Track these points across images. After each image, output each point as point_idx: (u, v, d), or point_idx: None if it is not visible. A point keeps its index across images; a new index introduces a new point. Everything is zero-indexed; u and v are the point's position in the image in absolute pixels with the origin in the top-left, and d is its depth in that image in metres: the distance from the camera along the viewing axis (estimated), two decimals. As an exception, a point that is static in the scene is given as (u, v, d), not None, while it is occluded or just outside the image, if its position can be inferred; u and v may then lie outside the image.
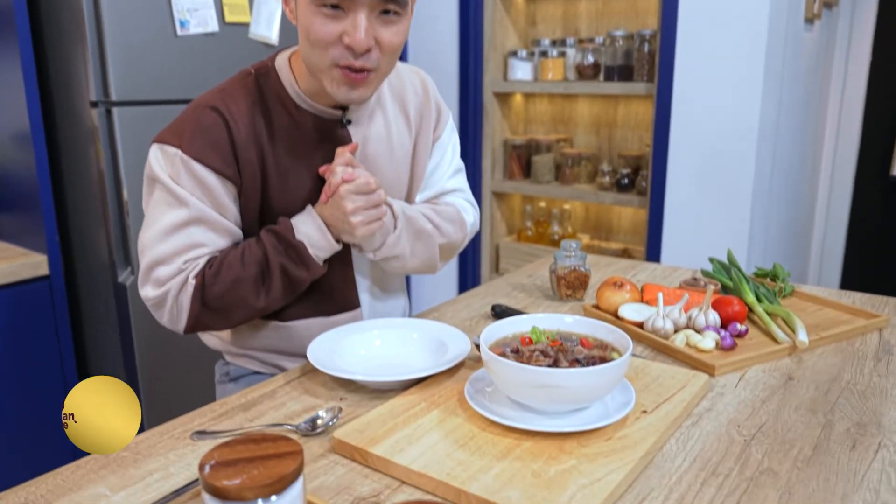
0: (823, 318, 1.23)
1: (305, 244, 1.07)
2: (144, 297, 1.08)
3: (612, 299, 1.25)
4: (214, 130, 1.05)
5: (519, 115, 3.12)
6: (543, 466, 0.75)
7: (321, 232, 1.08)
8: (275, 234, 1.07)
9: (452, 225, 1.26)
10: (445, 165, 1.32)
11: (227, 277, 1.05)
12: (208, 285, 1.05)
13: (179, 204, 1.05)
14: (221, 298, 1.06)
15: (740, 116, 2.30)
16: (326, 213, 1.08)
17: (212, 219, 1.06)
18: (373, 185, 1.06)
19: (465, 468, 0.75)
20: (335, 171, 1.07)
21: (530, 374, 0.80)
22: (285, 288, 1.09)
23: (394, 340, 1.09)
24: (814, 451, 0.82)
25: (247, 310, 1.08)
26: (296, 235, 1.07)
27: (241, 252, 1.07)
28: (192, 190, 1.04)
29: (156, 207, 1.06)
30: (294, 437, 0.87)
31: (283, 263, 1.07)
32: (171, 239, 1.05)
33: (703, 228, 2.45)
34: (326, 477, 0.78)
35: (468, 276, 3.08)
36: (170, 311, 1.08)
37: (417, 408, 0.90)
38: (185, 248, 1.06)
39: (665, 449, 0.82)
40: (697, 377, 0.96)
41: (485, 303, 1.37)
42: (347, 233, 1.08)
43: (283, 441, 0.68)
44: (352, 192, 1.05)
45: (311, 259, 1.08)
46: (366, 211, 1.06)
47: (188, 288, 1.05)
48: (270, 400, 0.98)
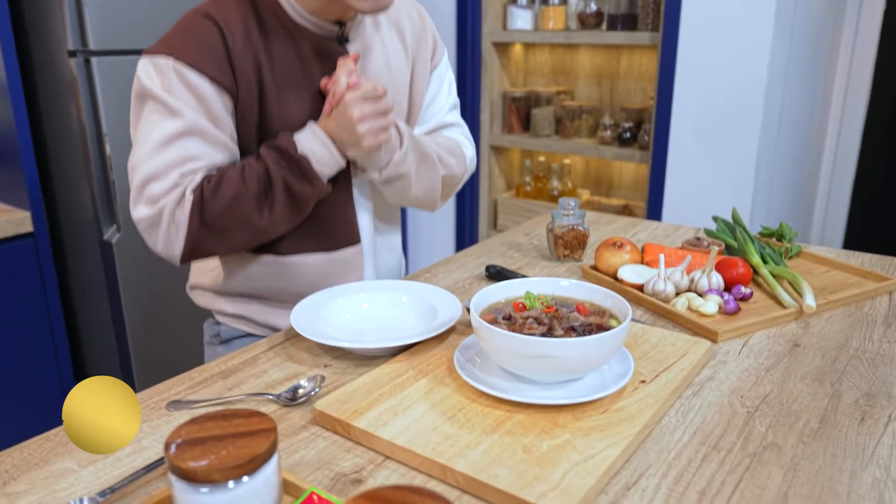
0: (831, 281, 1.18)
1: (309, 158, 1.01)
2: (137, 218, 1.01)
3: (612, 260, 1.20)
4: (209, 37, 0.99)
5: (518, 66, 3.02)
6: (535, 441, 0.71)
7: (325, 146, 1.02)
8: (276, 148, 1.02)
9: (454, 157, 1.23)
10: (443, 98, 1.29)
11: (227, 193, 0.99)
12: (207, 201, 0.99)
13: (173, 115, 0.98)
14: (222, 216, 0.99)
15: (748, 68, 2.21)
16: (331, 126, 1.03)
17: (208, 131, 1.00)
18: (380, 90, 1.01)
19: (453, 443, 0.71)
20: (338, 79, 1.01)
21: (522, 343, 0.75)
22: (289, 206, 1.03)
23: (382, 304, 1.04)
24: (820, 423, 0.78)
25: (248, 229, 1.02)
26: (298, 149, 1.01)
27: (240, 169, 1.01)
28: (186, 100, 0.98)
29: (146, 123, 1.00)
30: (275, 408, 0.83)
31: (286, 178, 1.01)
32: (165, 152, 0.98)
33: (706, 184, 2.39)
34: (306, 451, 0.74)
35: (465, 233, 3.02)
36: (165, 231, 1.00)
37: (404, 377, 0.85)
38: (180, 160, 0.99)
39: (664, 421, 0.78)
40: (699, 344, 0.92)
41: (479, 263, 1.32)
42: (354, 145, 1.02)
43: (256, 417, 0.64)
44: (358, 99, 1.00)
45: (316, 174, 1.02)
46: (373, 119, 1.01)
47: (185, 204, 0.99)
48: (252, 367, 0.93)
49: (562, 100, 2.88)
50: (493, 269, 1.22)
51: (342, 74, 1.02)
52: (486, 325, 0.77)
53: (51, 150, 1.92)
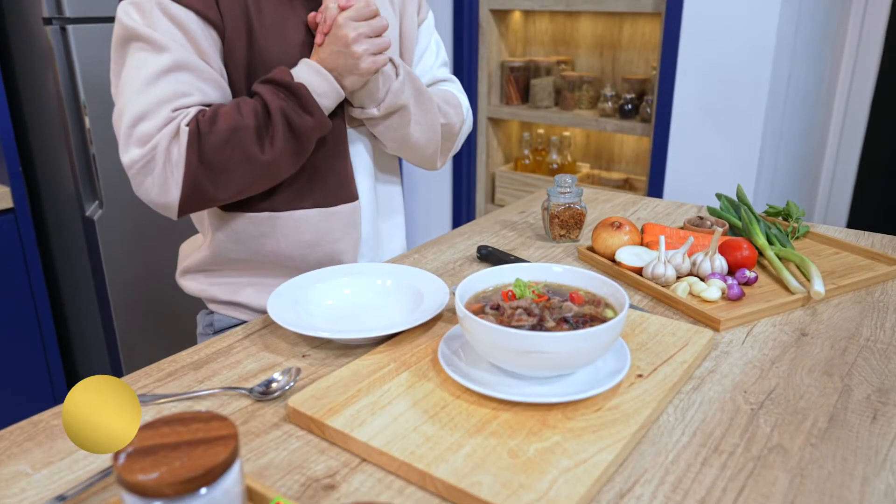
0: (840, 264, 1.12)
1: (307, 87, 0.97)
2: (128, 161, 0.95)
3: (609, 242, 1.14)
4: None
5: (517, 34, 2.92)
6: (522, 444, 0.66)
7: (321, 75, 0.98)
8: (271, 81, 0.97)
9: (451, 107, 1.20)
10: (433, 53, 1.25)
11: (224, 126, 0.94)
12: (204, 134, 0.93)
13: (160, 50, 0.94)
14: (221, 151, 0.94)
15: (755, 37, 2.12)
16: (325, 57, 0.99)
17: (197, 66, 0.96)
18: (373, 7, 0.97)
19: (433, 445, 0.66)
20: (327, 4, 0.98)
21: (509, 337, 0.69)
22: (290, 139, 0.98)
23: (364, 289, 0.99)
24: (829, 422, 0.73)
25: (250, 165, 0.96)
26: (294, 80, 0.97)
27: (235, 104, 0.96)
28: (172, 35, 0.94)
29: (131, 65, 0.95)
30: (247, 402, 0.78)
31: (285, 109, 0.96)
32: (154, 88, 0.93)
33: (709, 158, 2.31)
34: (277, 452, 0.69)
35: (462, 207, 2.96)
36: (161, 172, 0.94)
37: (385, 370, 0.80)
38: (170, 96, 0.94)
39: (661, 420, 0.73)
40: (700, 334, 0.86)
41: (470, 243, 1.26)
42: (351, 70, 0.98)
43: (216, 422, 0.59)
44: (352, 19, 0.96)
45: (315, 103, 0.97)
46: (369, 39, 0.97)
47: (181, 137, 0.93)
48: (225, 357, 0.88)
49: (562, 70, 2.79)
50: (486, 251, 1.16)
51: (331, 2, 0.98)
52: (471, 316, 0.72)
53: (29, 123, 1.85)
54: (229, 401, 0.78)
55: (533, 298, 0.79)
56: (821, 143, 2.93)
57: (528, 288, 0.81)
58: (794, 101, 2.43)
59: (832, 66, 2.79)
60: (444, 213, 3.03)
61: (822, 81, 2.72)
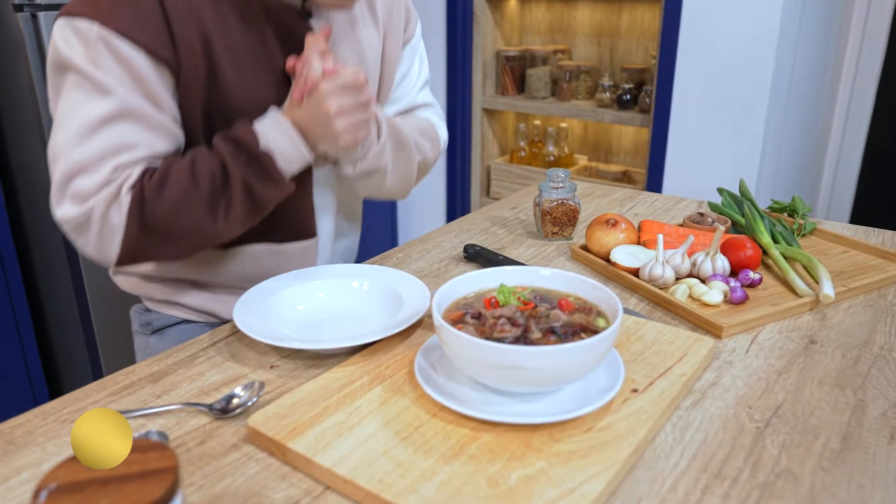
0: (850, 263, 1.05)
1: (273, 155, 0.86)
2: (61, 217, 0.84)
3: (604, 240, 1.07)
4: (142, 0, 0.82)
5: (513, 22, 2.84)
6: (503, 471, 0.60)
7: (292, 140, 0.87)
8: (234, 141, 0.86)
9: (429, 141, 1.11)
10: (415, 74, 1.15)
11: (173, 193, 0.83)
12: (149, 201, 0.83)
13: (101, 93, 0.81)
14: (166, 220, 0.84)
15: (758, 25, 2.05)
16: (301, 117, 0.87)
17: (145, 112, 0.84)
18: (361, 79, 0.86)
19: (404, 472, 0.59)
20: (311, 63, 0.86)
21: (489, 351, 0.63)
22: (247, 208, 0.88)
23: (340, 293, 0.92)
24: (842, 443, 0.66)
25: (199, 236, 0.87)
26: (260, 144, 0.86)
27: (189, 163, 0.85)
28: (117, 75, 0.81)
29: (69, 101, 0.82)
30: (206, 420, 0.71)
31: (246, 178, 0.85)
32: (94, 139, 0.81)
33: (710, 150, 2.24)
34: (234, 478, 0.63)
35: (457, 201, 2.89)
36: (97, 235, 0.84)
37: (357, 384, 0.73)
38: (112, 149, 0.82)
39: (658, 440, 0.66)
40: (701, 342, 0.80)
41: (458, 242, 1.19)
42: (328, 141, 0.88)
43: (154, 452, 0.52)
44: (336, 90, 0.85)
45: (280, 173, 0.87)
46: (353, 113, 0.87)
47: (121, 204, 0.82)
48: (187, 368, 0.81)
49: (559, 59, 2.71)
50: (473, 250, 1.10)
51: (314, 57, 0.86)
52: (448, 326, 0.65)
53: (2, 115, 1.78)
54: (187, 418, 0.72)
55: (518, 306, 0.72)
56: (824, 134, 2.86)
57: (513, 294, 0.74)
58: (797, 91, 2.36)
59: (836, 55, 2.71)
60: (438, 207, 2.96)
61: (826, 71, 2.64)
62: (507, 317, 0.70)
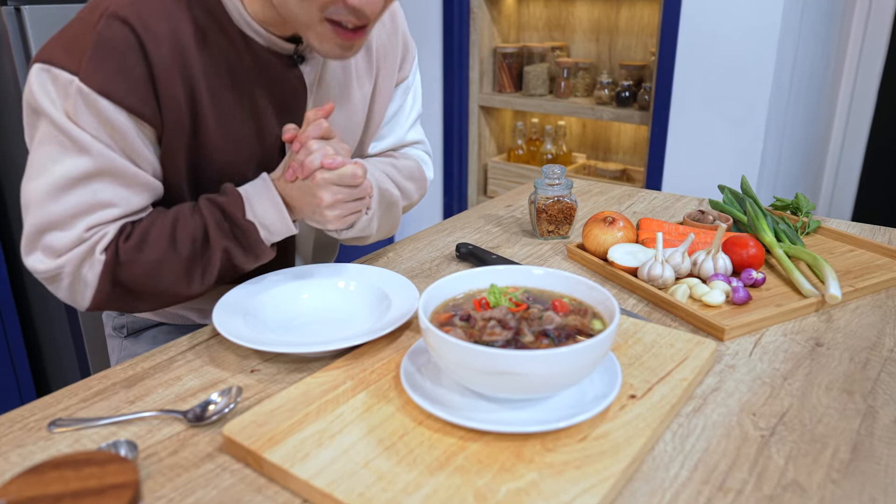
0: (856, 263, 1.02)
1: (257, 226, 0.83)
2: (31, 268, 0.81)
3: (601, 238, 1.03)
4: (125, 53, 0.76)
5: (510, 19, 2.81)
6: (492, 484, 0.56)
7: (279, 213, 0.84)
8: (220, 208, 0.83)
9: (414, 183, 1.07)
10: (406, 112, 1.11)
11: (150, 256, 0.80)
12: (125, 262, 0.80)
13: (78, 151, 0.77)
14: (142, 281, 0.81)
15: (759, 20, 2.01)
16: (292, 194, 0.84)
17: (123, 170, 0.80)
18: (360, 177, 0.82)
19: (387, 485, 0.56)
20: (310, 147, 0.81)
21: (478, 356, 0.59)
22: (226, 273, 0.85)
23: (324, 293, 0.88)
24: (853, 452, 0.62)
25: (174, 297, 0.85)
26: (246, 214, 0.83)
27: (171, 225, 0.82)
28: (95, 132, 0.77)
29: (43, 149, 0.78)
30: (181, 428, 0.67)
31: (228, 248, 0.83)
32: (68, 197, 0.78)
33: (710, 148, 2.21)
34: (206, 491, 0.59)
35: (454, 200, 2.85)
36: (69, 287, 0.82)
37: (340, 389, 0.69)
38: (87, 209, 0.79)
39: (657, 450, 0.63)
40: (702, 345, 0.76)
41: (451, 240, 1.15)
42: (316, 222, 0.86)
43: (113, 465, 0.48)
44: (333, 182, 0.81)
45: (263, 245, 0.84)
46: (346, 204, 0.84)
47: (94, 264, 0.80)
48: (164, 372, 0.78)
49: (557, 56, 2.68)
50: (465, 249, 1.06)
51: (313, 140, 0.82)
52: (434, 329, 0.61)
53: (-12, 111, 1.74)
54: (160, 426, 0.68)
55: (509, 307, 0.68)
56: (825, 131, 2.82)
57: (505, 295, 0.70)
58: (798, 87, 2.32)
59: (838, 50, 2.68)
60: (435, 206, 2.92)
61: (828, 66, 2.61)
62: (497, 319, 0.66)
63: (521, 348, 0.62)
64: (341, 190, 0.82)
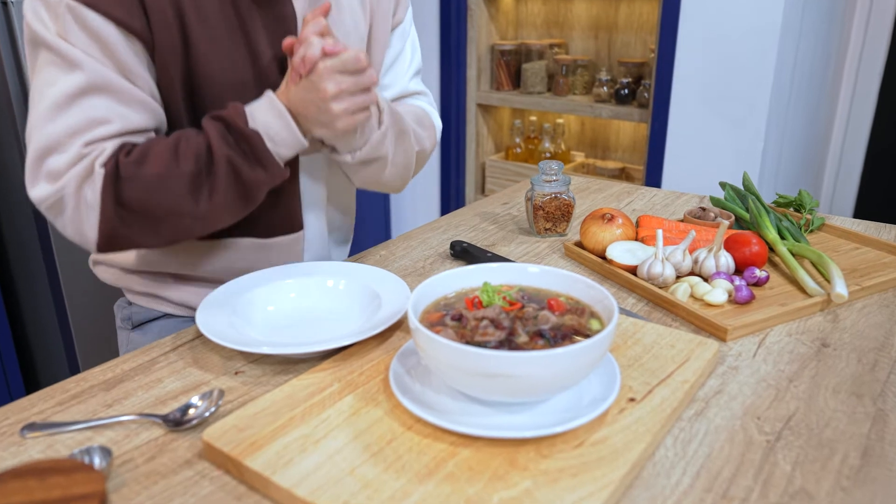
0: (861, 261, 0.99)
1: (262, 134, 0.81)
2: (36, 197, 0.80)
3: (600, 236, 1.00)
4: None
5: (508, 16, 2.78)
6: (484, 492, 0.53)
7: (284, 121, 0.81)
8: (222, 120, 0.81)
9: (426, 131, 1.05)
10: (406, 60, 1.09)
11: (152, 171, 0.78)
12: (126, 178, 0.78)
13: (71, 67, 0.78)
14: (144, 199, 0.78)
15: (760, 16, 1.98)
16: (296, 98, 0.81)
17: (117, 85, 0.79)
18: (363, 61, 0.80)
19: (372, 494, 0.53)
20: (310, 41, 0.79)
21: (470, 357, 0.56)
22: (235, 193, 0.82)
23: (313, 292, 0.85)
24: (863, 458, 0.59)
25: (180, 220, 0.81)
26: (249, 123, 0.80)
27: (174, 141, 0.80)
28: (86, 48, 0.78)
29: (41, 76, 0.79)
30: (159, 433, 0.64)
31: (233, 159, 0.80)
32: (64, 116, 0.78)
33: (710, 146, 2.18)
34: (184, 499, 0.56)
35: (451, 198, 2.82)
36: (73, 214, 0.80)
37: (326, 392, 0.66)
38: (84, 126, 0.78)
39: (658, 456, 0.60)
40: (704, 346, 0.73)
41: (445, 238, 1.12)
42: (324, 125, 0.82)
43: (79, 474, 0.46)
44: (336, 70, 0.79)
45: (269, 155, 0.81)
46: (352, 96, 0.81)
47: (95, 180, 0.77)
48: (145, 374, 0.75)
49: (555, 53, 2.65)
50: (460, 247, 1.03)
51: (313, 34, 0.80)
52: (423, 329, 0.58)
53: (-24, 107, 1.71)
54: (138, 430, 0.65)
55: (503, 306, 0.65)
56: (826, 129, 2.79)
57: (498, 294, 0.67)
58: (799, 85, 2.29)
59: (839, 48, 2.65)
60: (432, 205, 2.89)
61: (829, 64, 2.58)
62: (490, 318, 0.63)
63: (515, 349, 0.59)
64: (345, 79, 0.79)
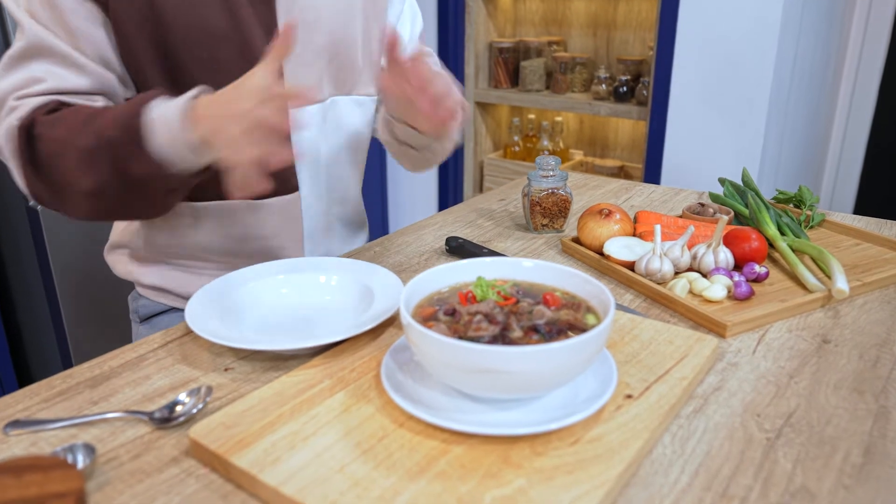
0: (862, 257, 0.98)
1: (146, 123, 0.72)
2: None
3: (597, 232, 0.99)
4: None
5: (506, 13, 2.76)
6: (476, 491, 0.51)
7: (179, 117, 0.71)
8: (132, 101, 0.76)
9: None
10: (408, 20, 1.07)
11: (59, 134, 0.75)
12: (37, 135, 0.75)
13: (20, 31, 0.80)
14: (47, 162, 0.76)
15: (759, 14, 1.97)
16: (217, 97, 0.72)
17: (56, 48, 0.79)
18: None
19: (362, 492, 0.51)
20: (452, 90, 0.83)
21: (463, 352, 0.55)
22: (113, 178, 0.74)
23: (305, 287, 0.84)
24: (865, 456, 0.58)
25: (74, 192, 0.76)
26: (143, 111, 0.73)
27: (95, 111, 0.76)
28: (34, 11, 0.79)
29: None
30: (146, 430, 0.63)
31: (113, 140, 0.73)
32: (8, 77, 0.80)
33: (710, 144, 2.16)
34: (169, 498, 0.55)
35: (449, 197, 2.81)
36: (11, 169, 0.80)
37: (317, 388, 0.65)
38: (19, 84, 0.80)
39: (656, 454, 0.58)
40: (703, 342, 0.72)
41: (441, 234, 1.11)
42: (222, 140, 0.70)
43: (57, 472, 0.44)
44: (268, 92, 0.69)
45: (144, 144, 0.72)
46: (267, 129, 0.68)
47: (12, 132, 0.76)
48: (133, 371, 0.73)
49: (553, 51, 2.63)
50: (455, 243, 1.02)
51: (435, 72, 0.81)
52: (415, 325, 0.57)
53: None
54: (124, 427, 0.64)
55: (497, 301, 0.64)
56: (826, 127, 2.78)
57: (492, 288, 0.66)
58: (799, 82, 2.28)
59: (839, 45, 2.64)
60: (430, 203, 2.88)
61: (829, 61, 2.57)
62: (484, 313, 0.62)
63: (509, 344, 0.58)
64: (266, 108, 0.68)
